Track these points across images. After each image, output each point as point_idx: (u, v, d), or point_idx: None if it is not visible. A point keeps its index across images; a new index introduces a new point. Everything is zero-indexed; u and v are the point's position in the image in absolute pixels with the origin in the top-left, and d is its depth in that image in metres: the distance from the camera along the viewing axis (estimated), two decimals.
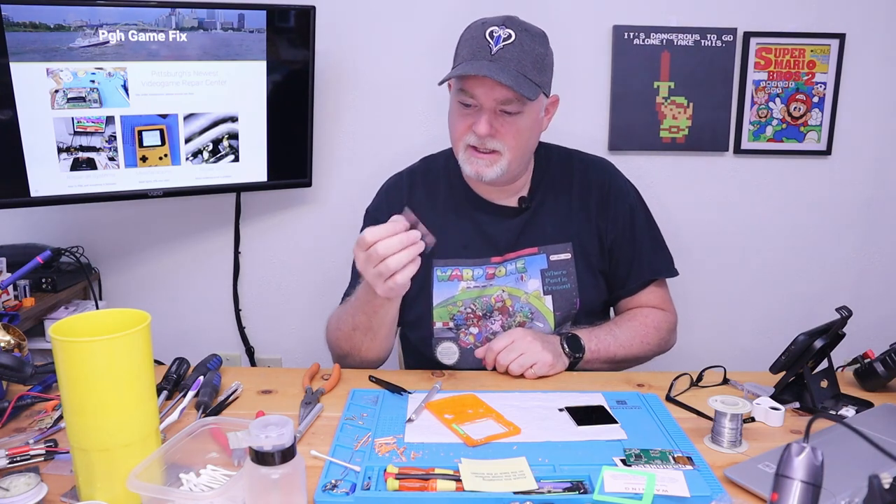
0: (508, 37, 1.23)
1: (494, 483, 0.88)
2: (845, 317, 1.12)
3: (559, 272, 1.38)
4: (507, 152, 1.28)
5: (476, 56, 1.24)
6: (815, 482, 0.64)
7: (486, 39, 1.24)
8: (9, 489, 0.83)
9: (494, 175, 1.29)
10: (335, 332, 1.34)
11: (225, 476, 0.89)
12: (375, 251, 1.09)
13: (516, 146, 1.28)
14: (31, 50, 1.68)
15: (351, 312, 1.29)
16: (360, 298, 1.26)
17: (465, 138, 1.29)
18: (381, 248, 1.09)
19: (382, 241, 1.09)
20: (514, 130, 1.27)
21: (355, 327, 1.29)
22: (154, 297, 2.26)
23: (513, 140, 1.27)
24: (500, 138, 1.26)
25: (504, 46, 1.23)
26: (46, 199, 1.79)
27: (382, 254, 1.09)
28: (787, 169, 2.23)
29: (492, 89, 1.23)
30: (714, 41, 2.13)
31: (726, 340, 2.32)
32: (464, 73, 1.22)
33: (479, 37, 1.25)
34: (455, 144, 1.33)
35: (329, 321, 1.39)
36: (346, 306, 1.32)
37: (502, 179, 1.32)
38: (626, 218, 1.42)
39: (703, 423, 1.08)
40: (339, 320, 1.33)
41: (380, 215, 1.45)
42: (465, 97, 1.26)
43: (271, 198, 2.22)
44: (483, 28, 1.25)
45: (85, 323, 0.88)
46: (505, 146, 1.27)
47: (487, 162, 1.28)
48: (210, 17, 1.84)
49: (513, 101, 1.24)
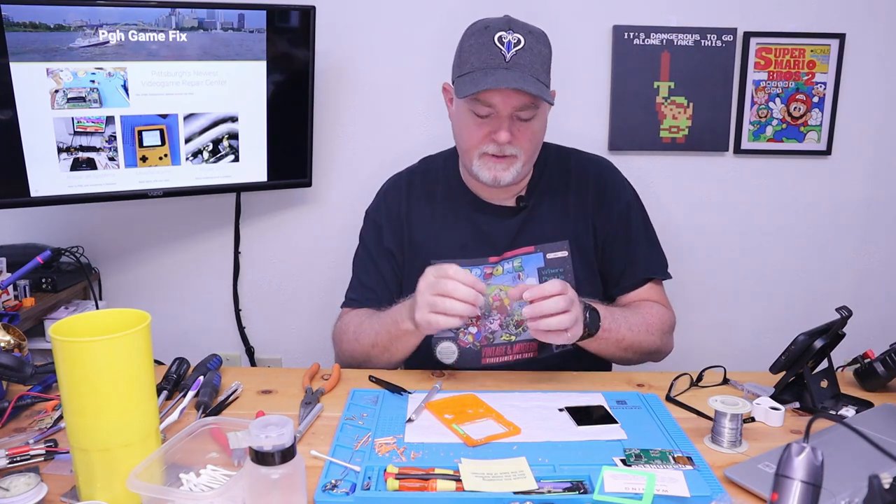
0: (518, 42, 1.23)
1: (494, 483, 0.88)
2: (845, 317, 1.12)
3: (556, 270, 1.38)
4: (523, 155, 1.29)
5: (490, 65, 1.23)
6: (815, 482, 0.64)
7: (496, 46, 1.23)
8: (9, 489, 0.83)
9: (511, 178, 1.30)
10: (352, 343, 1.34)
11: (225, 476, 0.89)
12: (446, 285, 1.12)
13: (530, 148, 1.31)
14: (31, 50, 1.68)
15: (374, 330, 1.30)
16: (387, 321, 1.27)
17: (482, 147, 1.29)
18: (450, 286, 1.12)
19: (457, 283, 1.12)
20: (529, 134, 1.29)
21: (375, 345, 1.30)
22: (154, 297, 2.26)
23: (528, 143, 1.29)
24: (516, 143, 1.28)
25: (517, 52, 1.23)
26: (46, 199, 1.79)
27: (450, 291, 1.11)
28: (787, 169, 2.22)
29: (510, 97, 1.23)
30: (714, 41, 2.12)
31: (726, 340, 2.32)
32: (492, 86, 1.20)
33: (488, 43, 1.24)
34: (468, 153, 1.32)
35: (342, 327, 1.39)
36: (370, 321, 1.33)
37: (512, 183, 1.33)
38: (621, 216, 1.41)
39: (703, 423, 1.08)
40: (359, 332, 1.33)
41: (379, 217, 1.46)
42: (481, 107, 1.26)
43: (271, 198, 2.22)
44: (489, 34, 1.24)
45: (85, 323, 0.88)
46: (521, 150, 1.29)
47: (504, 166, 1.29)
48: (210, 17, 1.84)
49: (529, 107, 1.25)
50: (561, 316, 1.11)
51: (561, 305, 1.11)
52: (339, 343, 1.39)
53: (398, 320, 1.24)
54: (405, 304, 1.24)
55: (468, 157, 1.32)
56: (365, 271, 1.45)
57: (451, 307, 1.12)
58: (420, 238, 1.41)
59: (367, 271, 1.45)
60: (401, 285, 1.43)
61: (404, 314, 1.23)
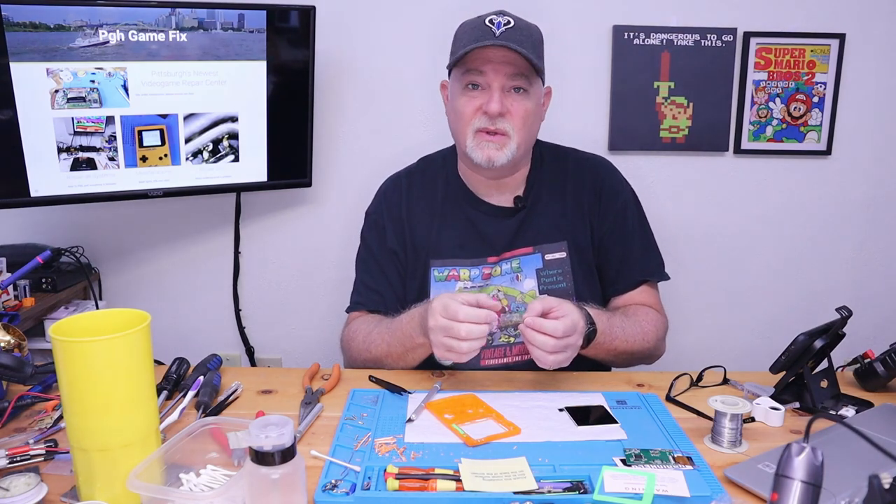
0: (508, 22, 1.26)
1: (494, 483, 0.88)
2: (845, 317, 1.12)
3: (554, 271, 1.37)
4: (515, 134, 1.29)
5: (480, 39, 1.25)
6: (815, 482, 0.64)
7: (486, 25, 1.26)
8: (9, 489, 0.83)
9: (505, 159, 1.29)
10: (361, 351, 1.33)
11: (225, 476, 0.89)
12: (458, 330, 1.09)
13: (523, 127, 1.30)
14: (31, 50, 1.68)
15: (386, 341, 1.29)
16: (399, 334, 1.26)
17: (474, 122, 1.29)
18: (463, 331, 1.09)
19: (469, 326, 1.09)
20: (522, 110, 1.29)
21: (388, 354, 1.29)
22: (154, 297, 2.26)
23: (520, 121, 1.29)
24: (508, 118, 1.28)
25: (506, 30, 1.25)
26: (46, 199, 1.79)
27: (464, 336, 1.09)
28: (787, 169, 2.22)
29: (501, 65, 1.25)
30: (714, 41, 2.12)
31: (726, 340, 2.31)
32: (475, 46, 1.22)
33: (478, 25, 1.27)
34: (462, 132, 1.32)
35: (350, 334, 1.38)
36: (379, 330, 1.31)
37: (506, 168, 1.32)
38: (617, 215, 1.41)
39: (703, 423, 1.08)
40: (368, 342, 1.32)
41: (381, 217, 1.45)
42: (473, 76, 1.27)
43: (271, 198, 2.22)
44: (480, 19, 1.28)
45: (85, 323, 0.88)
46: (513, 127, 1.28)
47: (497, 145, 1.29)
48: (210, 17, 1.84)
49: (521, 77, 1.26)
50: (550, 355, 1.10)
51: (549, 347, 1.10)
52: (348, 351, 1.38)
53: (412, 335, 1.23)
54: (415, 317, 1.22)
55: (462, 136, 1.32)
56: (369, 273, 1.44)
57: (468, 348, 1.10)
58: (419, 238, 1.41)
59: (370, 273, 1.44)
60: (405, 286, 1.43)
61: (416, 329, 1.21)
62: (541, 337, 1.10)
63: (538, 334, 1.10)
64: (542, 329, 1.10)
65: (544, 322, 1.10)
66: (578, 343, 1.14)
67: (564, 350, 1.11)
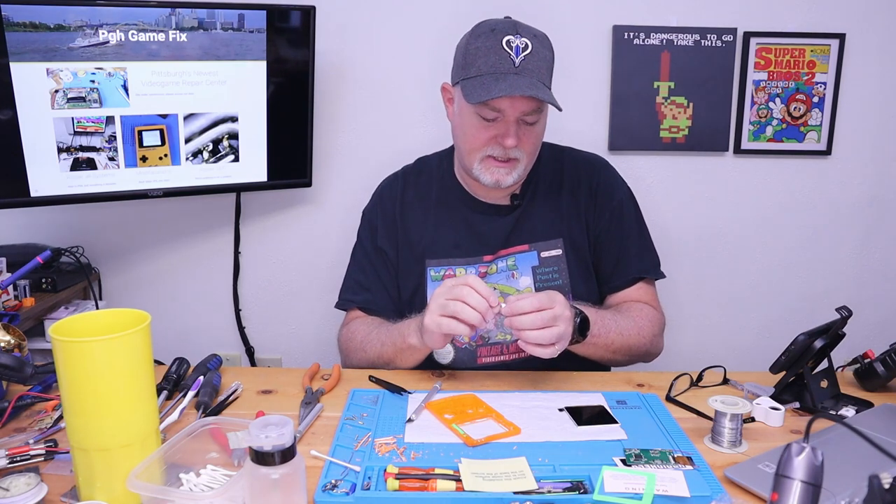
0: (526, 47, 1.23)
1: (494, 483, 0.88)
2: (845, 317, 1.12)
3: (550, 269, 1.38)
4: (525, 158, 1.30)
5: (500, 69, 1.22)
6: (815, 482, 0.64)
7: (505, 50, 1.23)
8: (9, 489, 0.83)
9: (512, 181, 1.31)
10: (358, 352, 1.35)
11: (225, 476, 0.89)
12: (461, 290, 1.12)
13: (532, 151, 1.32)
14: (31, 50, 1.68)
15: (381, 341, 1.31)
16: (394, 333, 1.28)
17: (486, 150, 1.29)
18: (465, 292, 1.12)
19: (472, 290, 1.11)
20: (533, 138, 1.30)
21: (380, 356, 1.31)
22: (154, 297, 2.26)
23: (531, 146, 1.30)
24: (521, 147, 1.28)
25: (525, 58, 1.23)
26: (46, 199, 1.79)
27: (464, 296, 1.11)
28: (787, 169, 2.22)
29: (519, 103, 1.23)
30: (714, 41, 2.12)
31: (726, 340, 2.31)
32: (506, 93, 1.19)
33: (496, 47, 1.23)
34: (470, 154, 1.31)
35: (349, 335, 1.38)
36: (377, 332, 1.33)
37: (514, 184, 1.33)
38: (613, 212, 1.41)
39: (703, 423, 1.08)
40: (365, 343, 1.34)
41: (374, 217, 1.46)
42: (488, 112, 1.26)
43: (271, 198, 2.22)
44: (496, 37, 1.24)
45: (85, 323, 0.88)
46: (524, 153, 1.29)
47: (507, 170, 1.30)
48: (210, 17, 1.84)
49: (535, 112, 1.26)
50: (541, 331, 1.10)
51: (538, 322, 1.09)
52: (346, 351, 1.39)
53: (405, 334, 1.24)
54: (415, 319, 1.25)
55: (470, 158, 1.32)
56: (361, 270, 1.45)
57: (462, 311, 1.11)
58: (414, 237, 1.41)
59: (363, 270, 1.45)
60: (398, 286, 1.43)
61: (412, 328, 1.23)
62: (525, 318, 1.10)
63: (522, 317, 1.10)
64: (521, 309, 1.10)
65: (520, 302, 1.10)
66: (567, 316, 1.13)
67: (554, 324, 1.10)
